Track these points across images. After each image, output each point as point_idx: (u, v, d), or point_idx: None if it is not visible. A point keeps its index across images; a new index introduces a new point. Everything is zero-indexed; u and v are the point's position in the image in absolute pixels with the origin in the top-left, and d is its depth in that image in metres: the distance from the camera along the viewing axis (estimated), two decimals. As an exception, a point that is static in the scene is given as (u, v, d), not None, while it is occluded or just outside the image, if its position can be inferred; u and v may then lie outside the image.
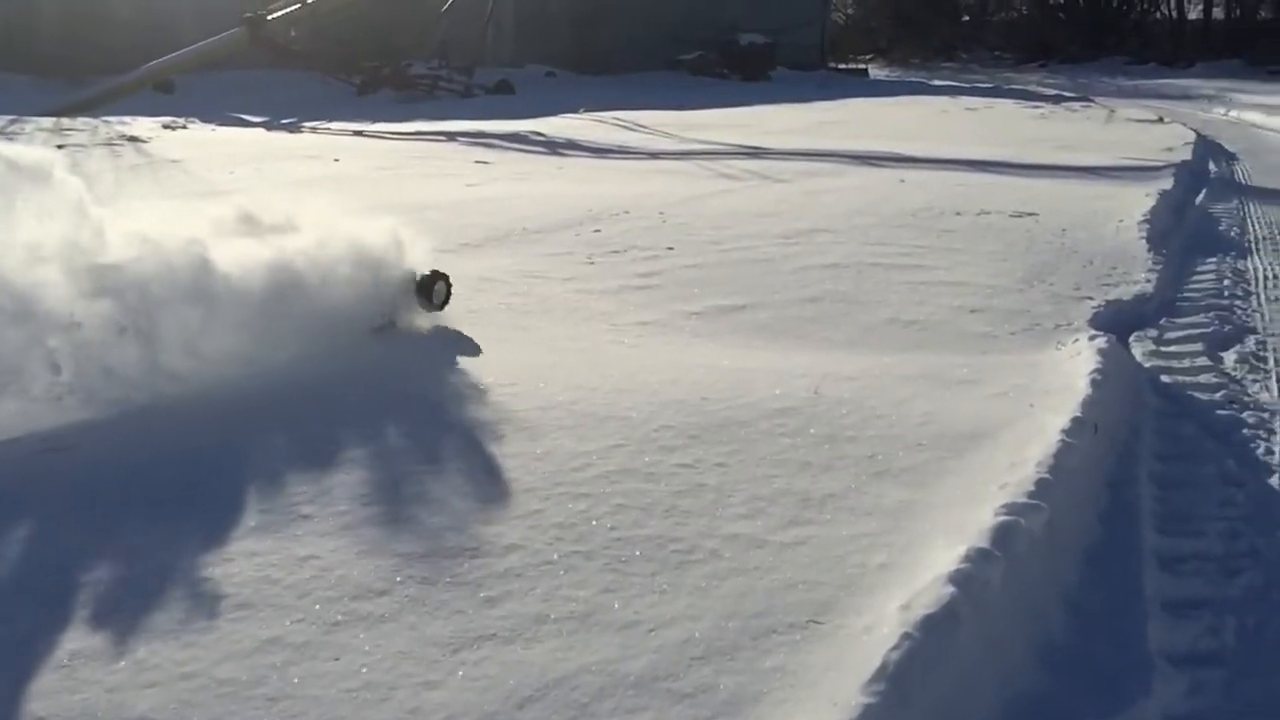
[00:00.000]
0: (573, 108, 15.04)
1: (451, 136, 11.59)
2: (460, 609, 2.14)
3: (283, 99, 15.20)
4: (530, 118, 13.46)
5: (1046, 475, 2.70)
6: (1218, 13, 36.04)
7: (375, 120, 13.09)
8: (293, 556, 2.32)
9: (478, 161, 9.67)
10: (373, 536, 2.42)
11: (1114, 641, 2.25)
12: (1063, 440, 2.95)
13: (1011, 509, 2.47)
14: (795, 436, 3.15)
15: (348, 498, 2.59)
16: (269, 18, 16.90)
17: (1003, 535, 2.34)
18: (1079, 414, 3.20)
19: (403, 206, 6.49)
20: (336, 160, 9.40)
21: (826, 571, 2.31)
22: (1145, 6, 37.92)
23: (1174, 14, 37.35)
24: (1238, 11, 34.90)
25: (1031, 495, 2.57)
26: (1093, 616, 2.34)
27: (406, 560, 2.32)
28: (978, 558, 2.20)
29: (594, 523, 2.52)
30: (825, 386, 3.60)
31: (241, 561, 2.28)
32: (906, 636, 1.95)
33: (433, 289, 3.98)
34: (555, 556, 2.35)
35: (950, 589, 2.08)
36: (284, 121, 13.15)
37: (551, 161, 10.05)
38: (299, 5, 16.47)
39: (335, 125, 12.70)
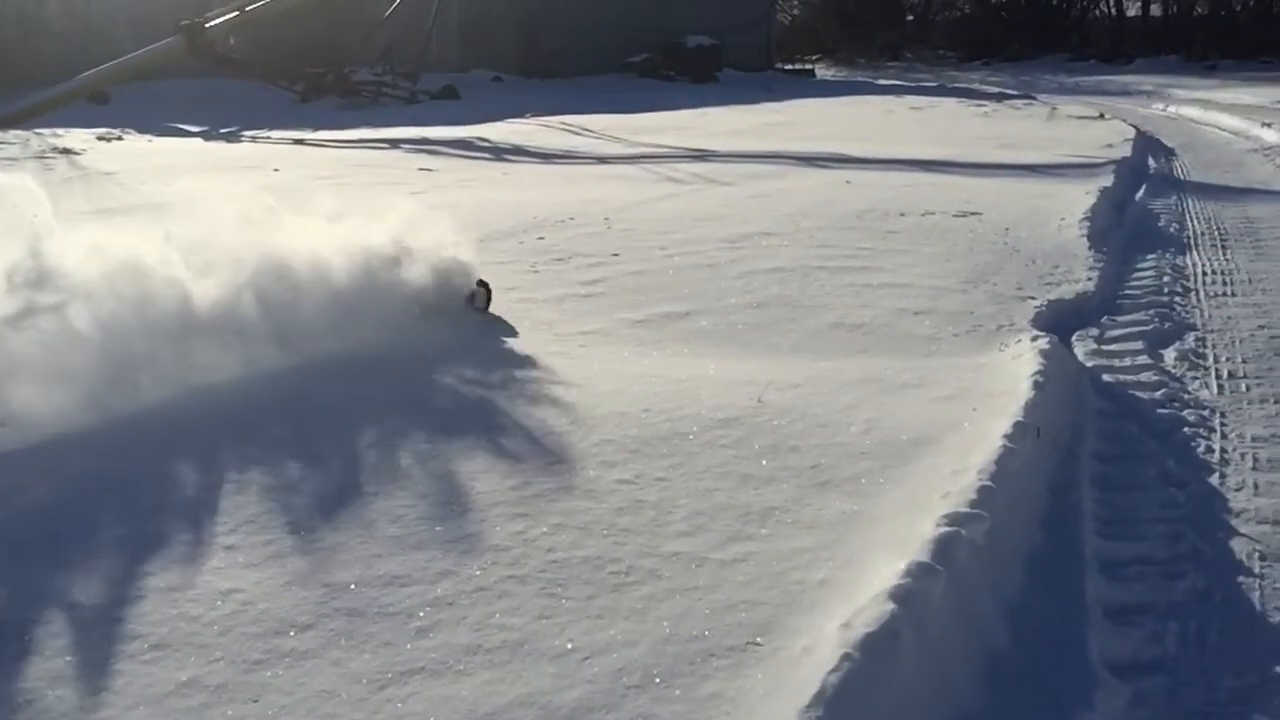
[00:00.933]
0: (519, 113, 14.95)
1: (395, 144, 11.45)
2: (388, 641, 2.06)
3: (222, 108, 14.94)
4: (476, 123, 13.35)
5: (989, 483, 2.68)
6: (1155, 9, 36.72)
7: (317, 128, 12.89)
8: (214, 591, 2.23)
9: (421, 169, 9.55)
10: (300, 566, 2.34)
11: (1056, 652, 2.23)
12: (1005, 446, 2.93)
13: (953, 519, 2.44)
14: (738, 448, 3.10)
15: (275, 525, 2.51)
16: (207, 26, 16.62)
17: (944, 547, 2.31)
18: (1021, 418, 3.19)
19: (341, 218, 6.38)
20: (276, 170, 9.24)
21: (766, 590, 2.26)
22: (1085, 4, 38.51)
23: (1113, 11, 37.98)
24: (1174, 8, 35.53)
25: (973, 504, 2.54)
26: (1035, 626, 2.31)
27: (334, 590, 2.24)
28: (919, 572, 2.16)
29: (530, 544, 2.46)
30: (769, 395, 3.56)
31: (157, 598, 2.19)
32: (846, 658, 1.91)
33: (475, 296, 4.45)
34: (490, 582, 2.29)
35: (891, 606, 2.04)
36: (223, 131, 12.93)
37: (497, 168, 9.95)
38: (237, 13, 16.21)
39: (276, 134, 12.51)
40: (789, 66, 30.75)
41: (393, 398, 3.43)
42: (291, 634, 2.08)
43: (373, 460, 2.94)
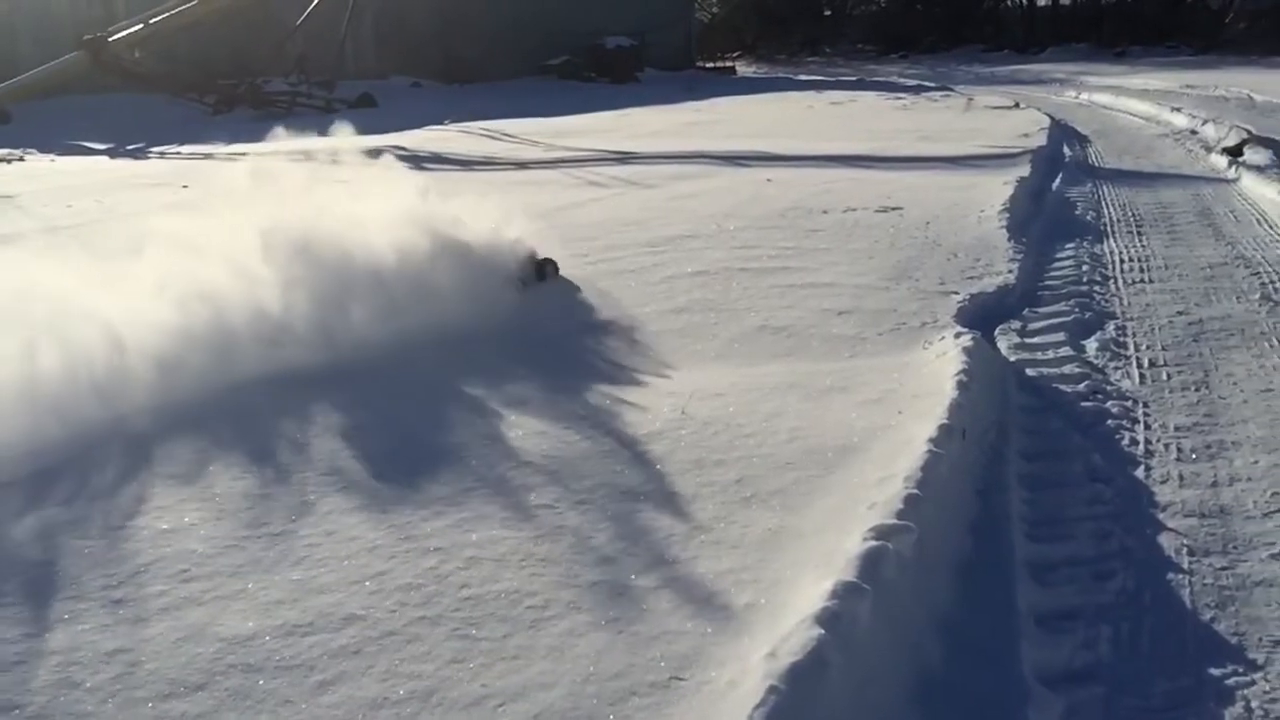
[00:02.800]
0: (438, 119, 14.73)
1: (310, 155, 11.16)
2: (287, 698, 1.93)
3: (129, 123, 14.50)
4: (393, 131, 13.09)
5: (915, 490, 2.62)
6: (1065, -1, 37.43)
7: (230, 141, 12.54)
8: (99, 652, 2.08)
9: (336, 181, 9.30)
10: (194, 618, 2.19)
11: (987, 666, 2.17)
12: (931, 450, 2.88)
13: (880, 532, 2.37)
14: (661, 463, 3.01)
15: (164, 577, 2.35)
16: (110, 40, 16.16)
17: (871, 563, 2.24)
18: (947, 420, 3.14)
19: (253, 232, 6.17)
20: (185, 187, 8.95)
21: (689, 618, 2.17)
22: (997, -4, 39.15)
23: (1024, 1, 38.65)
24: (1083, -3, 36.30)
25: (900, 515, 2.48)
26: (965, 640, 2.25)
27: (229, 644, 2.10)
28: (845, 593, 2.09)
29: (443, 581, 2.34)
30: (693, 405, 3.48)
31: (35, 663, 2.03)
32: (772, 690, 1.82)
33: (544, 269, 5.15)
34: (398, 625, 2.16)
35: (817, 631, 1.96)
36: (130, 148, 12.52)
37: (414, 177, 9.74)
38: (141, 25, 15.77)
39: (186, 149, 12.15)
40: (710, 64, 30.79)
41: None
42: (183, 696, 1.93)
43: (270, 497, 2.79)
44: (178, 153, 11.96)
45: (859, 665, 1.98)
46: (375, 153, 8.45)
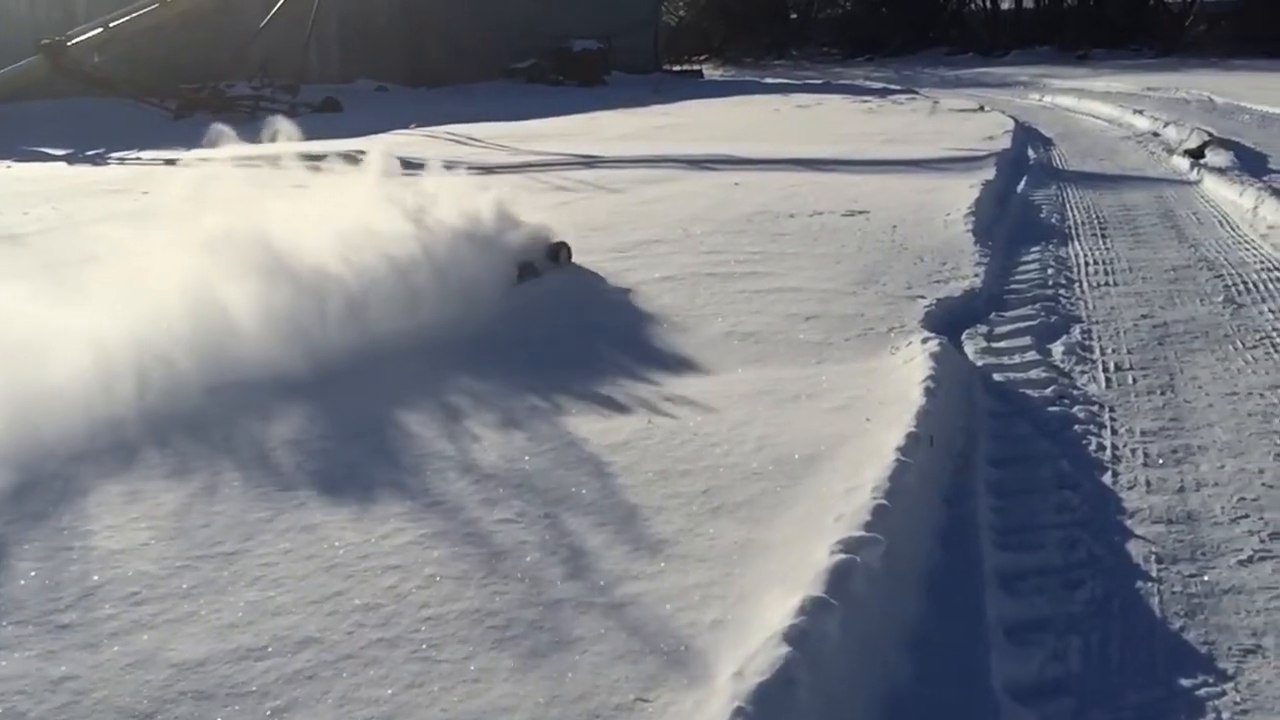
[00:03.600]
0: (404, 123, 14.60)
1: (273, 160, 11.03)
2: (240, 727, 1.87)
3: (89, 129, 14.27)
4: (358, 136, 12.96)
5: (883, 501, 2.59)
6: (1028, 2, 37.75)
7: (191, 147, 12.36)
8: (45, 679, 2.01)
9: (297, 185, 9.20)
10: (144, 644, 2.12)
11: (957, 680, 2.14)
12: (899, 459, 2.85)
13: (848, 544, 2.34)
14: (627, 475, 2.97)
15: (114, 599, 2.28)
16: (69, 44, 15.94)
17: (840, 577, 2.20)
18: (914, 427, 3.12)
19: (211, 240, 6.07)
20: (145, 193, 8.80)
21: (655, 636, 2.13)
22: (961, -1, 39.50)
23: (988, 5, 38.98)
24: (1046, 0, 36.62)
25: (868, 526, 2.45)
26: (935, 654, 2.22)
27: (181, 671, 2.03)
28: (814, 609, 2.05)
29: (403, 601, 2.28)
30: (658, 416, 3.44)
31: (-24, 696, 1.95)
32: (739, 712, 1.78)
33: (559, 252, 5.54)
34: (356, 648, 2.10)
35: (785, 649, 1.93)
36: (89, 154, 12.33)
37: (374, 184, 9.63)
38: (100, 29, 15.56)
39: (147, 155, 11.96)
40: (677, 68, 30.85)
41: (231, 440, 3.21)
42: (130, 726, 1.87)
43: (220, 511, 2.73)
44: (138, 158, 11.79)
45: (828, 684, 1.94)
46: (350, 157, 8.40)
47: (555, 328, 4.49)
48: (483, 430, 3.29)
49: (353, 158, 9.41)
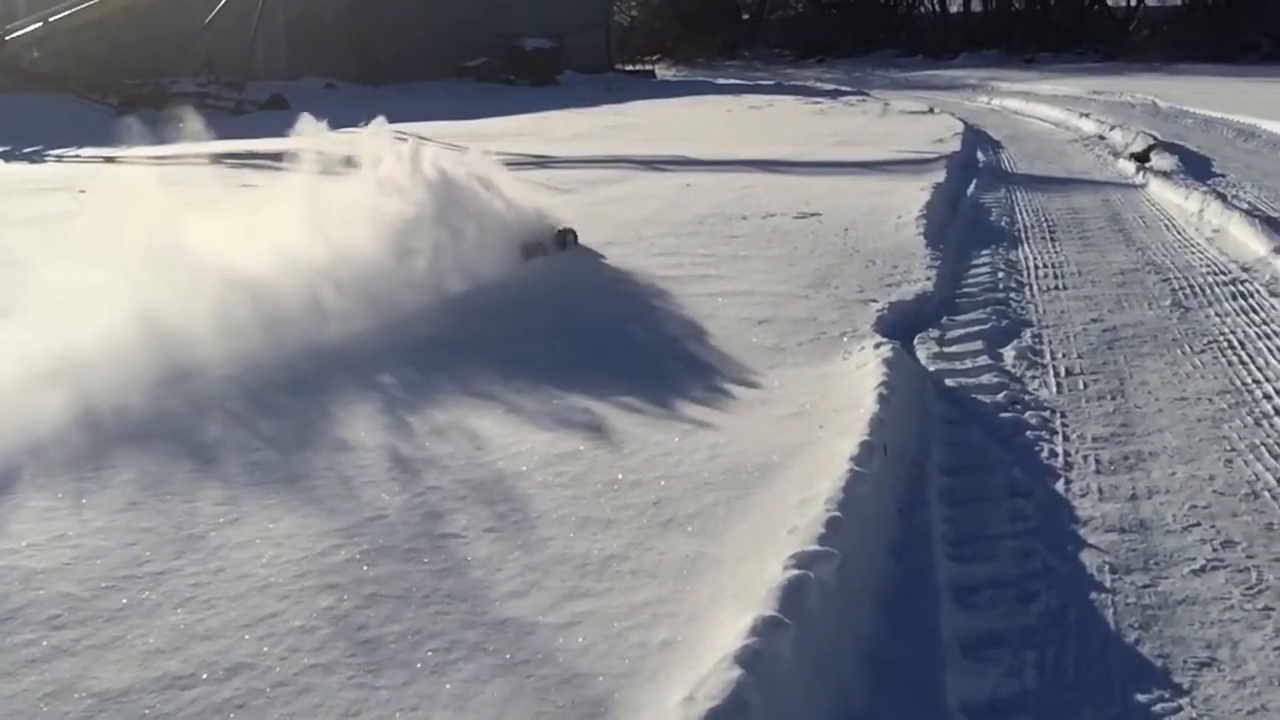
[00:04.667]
0: (352, 122, 14.35)
1: (217, 159, 10.82)
2: (164, 763, 1.77)
3: (27, 125, 13.91)
4: (305, 134, 12.74)
5: (837, 513, 2.54)
6: (976, 5, 38.14)
7: (133, 144, 12.09)
8: (-46, 714, 1.89)
9: (243, 185, 9.01)
10: (63, 673, 2.01)
11: (912, 701, 2.09)
12: (852, 469, 2.80)
13: (801, 560, 2.28)
14: (575, 486, 2.90)
15: (34, 624, 2.17)
16: (7, 38, 15.53)
17: (793, 594, 2.14)
18: (868, 435, 3.07)
19: (150, 245, 5.91)
20: (82, 192, 8.56)
21: (604, 658, 2.06)
22: (911, 2, 39.78)
23: (937, 7, 39.35)
24: (994, 3, 37.02)
25: (822, 539, 2.39)
26: (891, 673, 2.17)
27: (103, 701, 1.93)
28: (766, 629, 1.99)
29: (340, 622, 2.19)
30: (609, 424, 3.37)
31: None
32: (689, 740, 1.71)
33: (565, 238, 5.91)
34: (289, 675, 2.01)
35: (737, 672, 1.86)
36: (26, 151, 12.00)
37: (326, 182, 9.47)
38: (40, 24, 15.17)
39: (86, 152, 11.68)
40: (630, 67, 30.77)
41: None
42: (45, 764, 1.76)
43: (148, 528, 2.61)
44: (77, 156, 11.50)
45: (781, 706, 1.88)
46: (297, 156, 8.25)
47: (504, 332, 4.40)
48: (430, 439, 3.20)
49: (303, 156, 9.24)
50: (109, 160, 11.02)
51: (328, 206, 5.29)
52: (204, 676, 1.99)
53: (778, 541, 2.45)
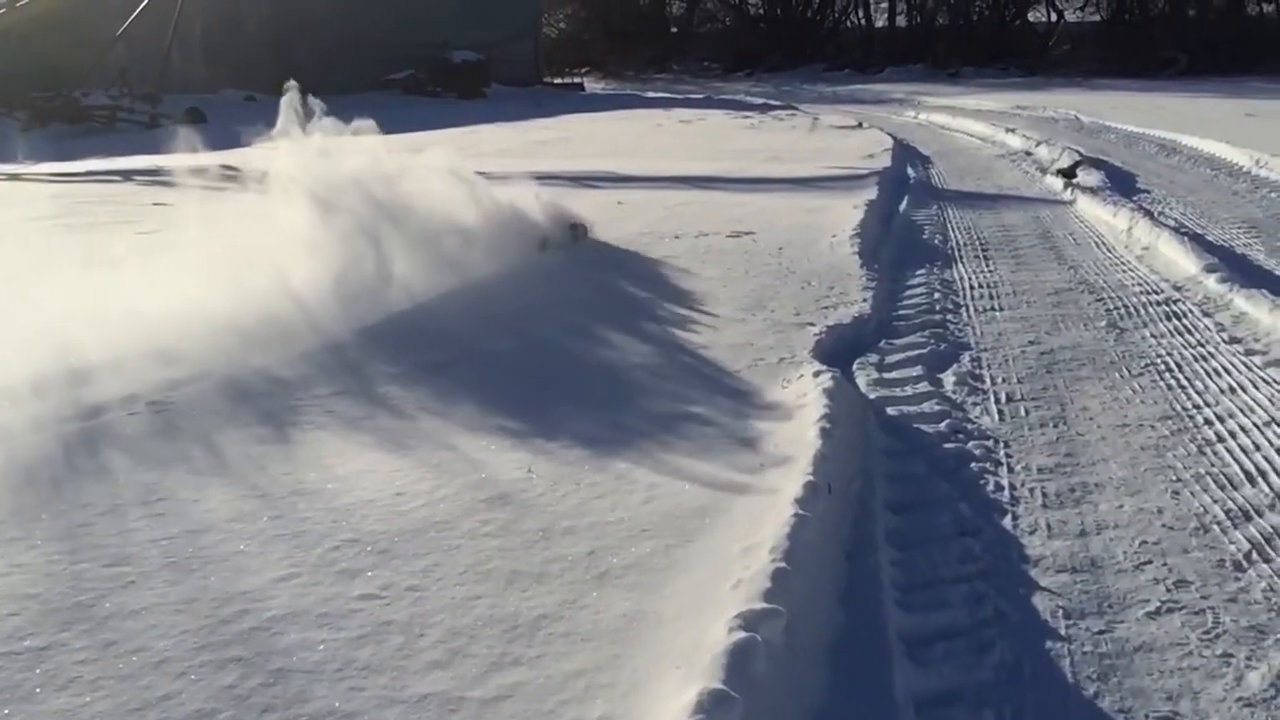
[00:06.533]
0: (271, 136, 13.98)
1: (128, 175, 10.42)
2: None
3: (-74, 140, 13.32)
4: (223, 149, 12.35)
5: (782, 563, 2.40)
6: (901, 20, 38.71)
7: (40, 160, 11.62)
8: None
9: (156, 204, 8.68)
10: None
11: (870, 774, 1.95)
12: (797, 512, 2.67)
13: (747, 620, 2.14)
14: (504, 535, 2.72)
15: (-109, 720, 1.93)
16: (-95, 47, 14.86)
17: (739, 660, 1.99)
18: (811, 474, 2.95)
19: (57, 269, 5.61)
20: (-20, 212, 8.17)
21: (535, 740, 1.88)
22: (837, 15, 40.22)
23: (863, 22, 39.84)
24: (918, 18, 37.59)
25: (768, 595, 2.25)
26: (844, 742, 2.03)
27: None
28: (712, 705, 1.84)
29: (243, 704, 1.99)
30: (540, 463, 3.19)
31: None
32: (630, 842, 1.55)
33: (576, 231, 6.66)
34: (182, 770, 1.80)
35: (681, 758, 1.70)
36: (-77, 167, 11.47)
37: (243, 200, 9.15)
38: (-61, 33, 14.54)
39: (-11, 168, 11.19)
40: (558, 80, 30.62)
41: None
42: None
43: (33, 594, 2.38)
44: (-23, 173, 11.00)
45: (729, 793, 1.73)
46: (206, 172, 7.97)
47: (418, 362, 4.19)
48: (346, 480, 3.00)
49: (217, 172, 8.93)
50: (13, 178, 10.56)
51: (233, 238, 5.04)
52: (85, 776, 1.78)
53: (721, 598, 2.30)
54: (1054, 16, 35.35)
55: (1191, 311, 5.18)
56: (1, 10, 15.90)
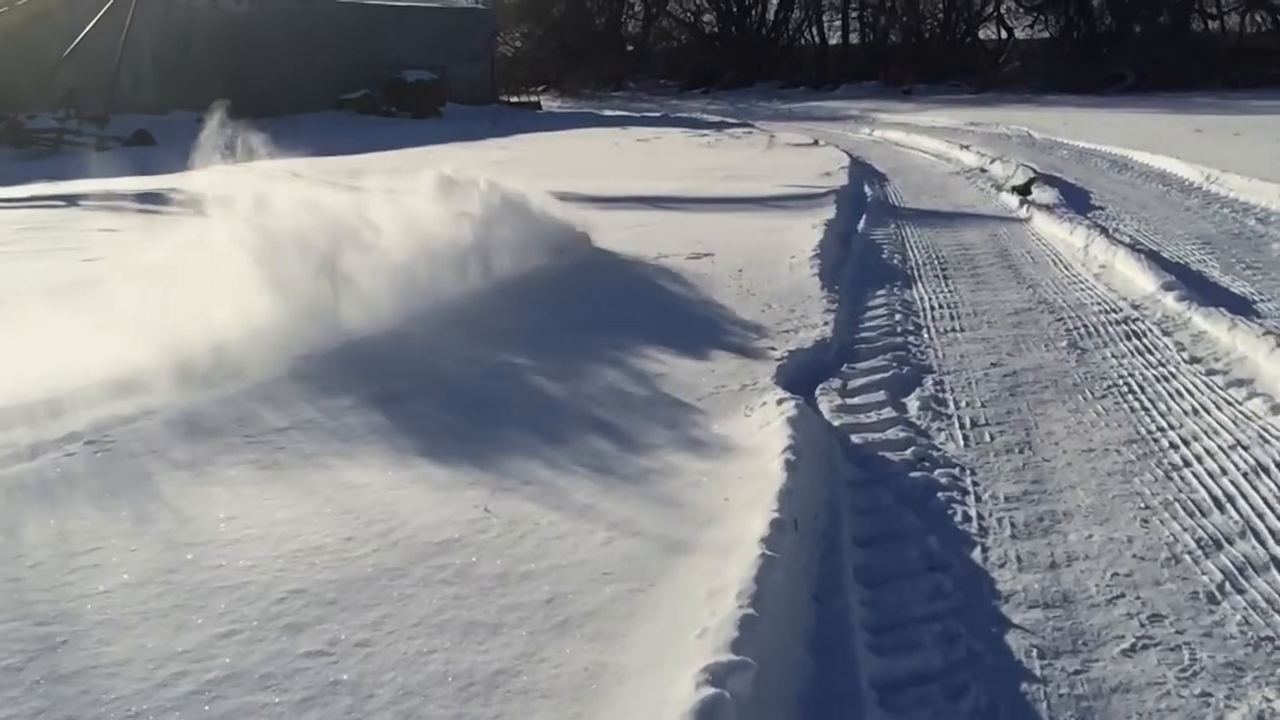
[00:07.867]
0: (222, 159, 13.76)
1: (74, 200, 10.19)
2: None
3: None
4: (173, 172, 12.12)
5: (750, 609, 2.31)
6: (855, 38, 39.08)
7: (-18, 184, 11.34)
8: None
9: (103, 229, 8.47)
10: None
11: (846, 838, 1.86)
12: (763, 553, 2.58)
13: (714, 673, 2.04)
14: (459, 582, 2.60)
15: None
16: None
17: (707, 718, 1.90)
18: (777, 510, 2.86)
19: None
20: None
21: (492, 813, 1.77)
22: (792, 33, 40.52)
23: (817, 40, 40.17)
24: (871, 36, 37.95)
25: (735, 645, 2.16)
26: (818, 803, 1.94)
27: None
28: (678, 772, 1.74)
29: (179, 778, 1.86)
30: (497, 501, 3.08)
31: None
32: None
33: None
34: None
35: (646, 832, 1.60)
36: None
37: (195, 225, 8.96)
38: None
39: (-73, 194, 10.89)
40: (514, 99, 30.53)
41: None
42: None
43: None
44: (-84, 199, 10.70)
45: None
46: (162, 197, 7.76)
47: (374, 394, 4.07)
48: (295, 524, 2.87)
49: (168, 198, 8.73)
50: (-47, 203, 10.27)
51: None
52: None
53: (686, 648, 2.21)
54: (1004, 34, 35.84)
55: (1151, 330, 5.17)
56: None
